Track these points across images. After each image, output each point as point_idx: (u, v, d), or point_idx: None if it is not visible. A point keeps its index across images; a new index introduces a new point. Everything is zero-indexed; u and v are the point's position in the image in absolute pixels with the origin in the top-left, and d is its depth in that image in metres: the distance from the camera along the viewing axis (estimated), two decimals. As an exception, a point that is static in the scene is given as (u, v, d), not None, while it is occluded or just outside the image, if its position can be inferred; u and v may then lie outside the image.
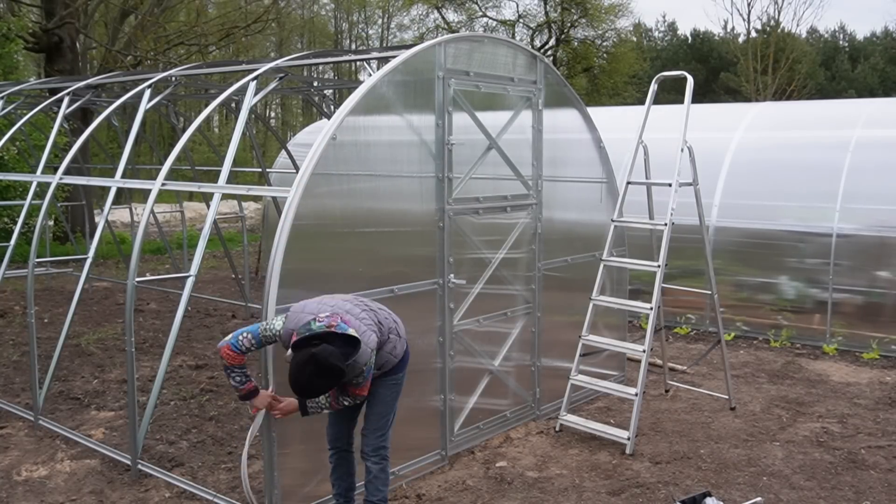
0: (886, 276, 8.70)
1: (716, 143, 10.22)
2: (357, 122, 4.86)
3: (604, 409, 6.92)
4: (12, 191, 13.49)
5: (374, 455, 4.36)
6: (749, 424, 6.52)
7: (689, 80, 6.51)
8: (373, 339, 4.02)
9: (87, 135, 7.09)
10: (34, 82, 10.58)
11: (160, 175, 5.71)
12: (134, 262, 5.37)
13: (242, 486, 4.51)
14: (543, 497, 5.16)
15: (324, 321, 3.86)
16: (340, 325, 3.86)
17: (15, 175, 10.72)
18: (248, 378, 4.15)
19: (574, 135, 6.82)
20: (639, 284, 8.66)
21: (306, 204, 4.53)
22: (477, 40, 5.79)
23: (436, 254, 5.47)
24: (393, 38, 41.59)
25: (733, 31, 42.34)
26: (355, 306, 4.16)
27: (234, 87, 5.97)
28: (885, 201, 8.83)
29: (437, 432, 5.61)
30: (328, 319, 3.88)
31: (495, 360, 6.07)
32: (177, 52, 21.59)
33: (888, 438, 6.21)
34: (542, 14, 35.74)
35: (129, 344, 5.35)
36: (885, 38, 45.87)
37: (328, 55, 6.94)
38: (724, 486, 5.32)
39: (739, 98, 34.45)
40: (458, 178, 5.57)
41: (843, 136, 9.45)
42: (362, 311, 4.15)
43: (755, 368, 8.16)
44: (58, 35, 16.38)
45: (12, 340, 9.24)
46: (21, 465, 5.68)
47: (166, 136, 29.34)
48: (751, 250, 9.65)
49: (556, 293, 6.63)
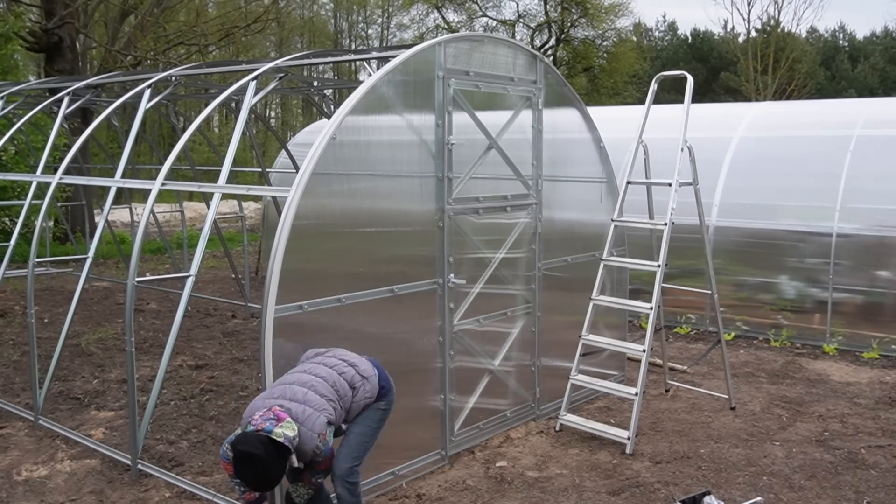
0: (886, 275, 8.70)
1: (716, 142, 10.22)
2: (357, 121, 4.85)
3: (604, 408, 6.92)
4: (10, 191, 13.49)
5: (345, 479, 4.20)
6: (749, 424, 6.52)
7: (689, 80, 6.51)
8: (320, 421, 3.94)
9: (87, 135, 7.09)
10: (34, 82, 10.58)
11: (160, 175, 5.71)
12: (134, 262, 5.37)
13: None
14: (543, 497, 5.16)
15: (256, 423, 3.84)
16: (267, 426, 3.80)
17: (15, 175, 10.72)
18: (247, 489, 4.11)
19: (574, 134, 6.82)
20: (639, 284, 8.65)
21: (306, 204, 4.53)
22: (477, 40, 5.79)
23: (436, 253, 5.47)
24: (393, 37, 41.62)
25: (733, 30, 42.34)
26: (309, 379, 4.10)
27: (234, 87, 5.97)
28: (885, 201, 8.83)
29: (438, 432, 5.61)
30: (258, 423, 3.84)
31: (495, 360, 6.07)
32: (177, 52, 21.58)
33: (888, 438, 6.21)
34: (542, 14, 35.76)
35: (129, 344, 5.35)
36: (885, 38, 45.88)
37: (328, 55, 6.93)
38: (724, 486, 5.32)
39: (739, 98, 34.45)
40: (458, 177, 5.57)
41: (843, 135, 9.45)
42: (317, 383, 4.09)
43: (755, 368, 8.16)
44: (58, 35, 16.38)
45: (12, 340, 9.24)
46: (21, 465, 5.68)
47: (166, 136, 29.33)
48: (751, 250, 9.65)
49: (556, 293, 6.63)
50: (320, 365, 4.25)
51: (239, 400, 7.04)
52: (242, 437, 3.81)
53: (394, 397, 4.44)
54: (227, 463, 3.97)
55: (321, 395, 4.05)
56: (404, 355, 5.29)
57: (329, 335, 4.75)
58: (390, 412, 4.42)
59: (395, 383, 4.48)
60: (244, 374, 7.84)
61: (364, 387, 4.26)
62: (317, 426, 3.93)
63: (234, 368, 8.08)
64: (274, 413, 3.87)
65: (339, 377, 4.20)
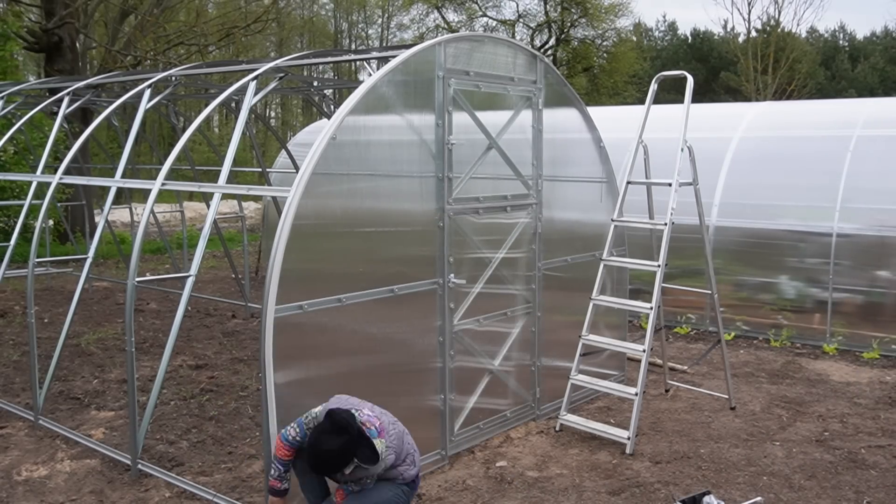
0: (886, 275, 8.70)
1: (716, 142, 10.22)
2: (357, 121, 4.85)
3: (604, 408, 6.92)
4: (8, 191, 13.49)
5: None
6: (749, 424, 6.52)
7: (689, 80, 6.51)
8: (390, 458, 4.08)
9: (87, 135, 7.09)
10: (34, 82, 10.58)
11: (160, 175, 5.71)
12: (134, 262, 5.37)
13: None
14: (543, 497, 5.16)
15: (365, 416, 3.99)
16: (372, 431, 3.97)
17: (15, 175, 10.71)
18: (284, 478, 4.22)
19: (574, 134, 6.82)
20: (639, 284, 8.65)
21: (306, 204, 4.53)
22: (477, 40, 5.79)
23: (436, 253, 5.47)
24: (393, 37, 41.62)
25: (733, 30, 42.36)
26: (391, 424, 4.22)
27: (234, 87, 5.97)
28: (885, 201, 8.84)
29: (438, 432, 5.61)
30: (367, 417, 3.99)
31: (495, 360, 6.07)
32: (177, 52, 21.58)
33: (888, 438, 6.21)
34: (542, 14, 35.78)
35: (130, 344, 5.35)
36: (885, 38, 45.88)
37: (328, 55, 6.93)
38: (724, 486, 5.32)
39: (739, 98, 34.46)
40: (458, 177, 5.57)
41: (843, 135, 9.45)
42: (394, 431, 4.21)
43: (755, 368, 8.16)
44: (58, 35, 16.38)
45: (12, 340, 9.24)
46: (21, 465, 5.68)
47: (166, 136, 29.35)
48: (751, 250, 9.65)
49: (556, 293, 6.63)
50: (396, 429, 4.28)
51: (239, 400, 7.04)
52: (348, 414, 3.89)
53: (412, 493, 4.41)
54: (285, 445, 4.11)
55: (392, 442, 4.14)
56: (404, 355, 5.29)
57: (329, 335, 4.75)
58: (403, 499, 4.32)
59: (396, 383, 4.49)
60: (244, 374, 7.84)
61: (409, 470, 4.28)
62: (388, 460, 4.06)
63: (234, 368, 8.08)
64: (378, 426, 4.00)
65: (402, 446, 4.25)
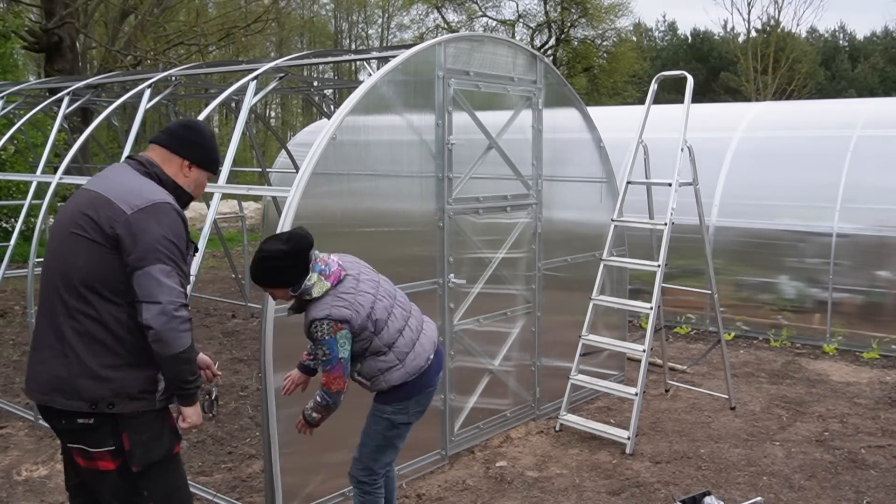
0: (887, 275, 8.70)
1: (716, 142, 10.22)
2: (357, 121, 4.85)
3: (604, 408, 6.92)
4: (6, 191, 13.47)
5: (352, 478, 4.05)
6: (749, 424, 6.52)
7: (689, 80, 6.51)
8: (342, 312, 3.59)
9: (87, 135, 7.09)
10: (34, 82, 10.58)
11: (160, 175, 5.69)
12: (134, 262, 5.35)
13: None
14: (543, 497, 5.16)
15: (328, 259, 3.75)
16: (319, 266, 3.68)
17: (15, 175, 10.71)
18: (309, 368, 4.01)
19: (574, 134, 6.82)
20: (639, 284, 8.65)
21: (306, 204, 4.53)
22: (477, 40, 5.79)
23: (436, 253, 5.47)
24: (393, 37, 41.62)
25: (733, 30, 42.36)
26: (385, 296, 3.80)
27: (234, 87, 5.97)
28: (885, 201, 8.83)
29: (438, 432, 5.61)
30: (331, 261, 3.74)
31: (495, 360, 6.07)
32: (177, 52, 21.59)
33: (888, 438, 6.21)
34: (542, 14, 35.76)
35: (129, 344, 5.34)
36: (885, 38, 45.88)
37: (328, 55, 6.94)
38: (724, 486, 5.32)
39: (739, 98, 34.46)
40: (458, 177, 5.57)
41: (843, 135, 9.45)
42: (383, 298, 3.77)
43: (755, 368, 8.16)
44: (58, 35, 16.38)
45: (12, 340, 9.24)
46: (21, 465, 5.68)
47: (166, 136, 29.24)
48: (751, 250, 9.65)
49: (556, 293, 6.63)
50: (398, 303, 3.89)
51: (239, 400, 7.04)
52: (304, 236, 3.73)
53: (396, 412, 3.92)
54: None
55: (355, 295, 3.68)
56: (404, 355, 5.28)
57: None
58: (388, 423, 3.95)
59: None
60: (244, 374, 7.83)
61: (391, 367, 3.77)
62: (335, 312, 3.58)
63: (234, 368, 8.08)
64: (334, 271, 3.68)
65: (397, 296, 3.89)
